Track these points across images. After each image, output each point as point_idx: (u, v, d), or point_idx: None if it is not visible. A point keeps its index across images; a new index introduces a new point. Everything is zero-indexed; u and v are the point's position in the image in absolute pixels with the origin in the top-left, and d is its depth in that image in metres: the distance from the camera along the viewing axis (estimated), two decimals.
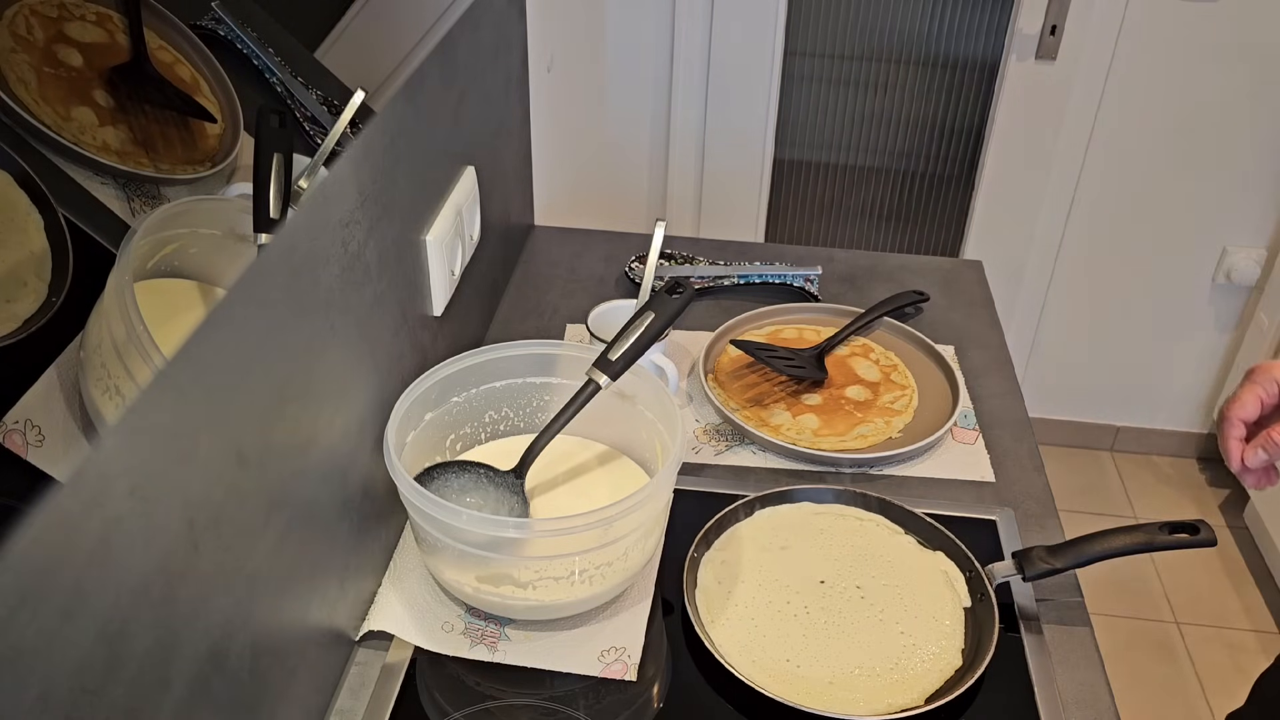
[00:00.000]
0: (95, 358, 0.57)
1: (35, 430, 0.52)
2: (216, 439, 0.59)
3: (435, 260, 0.96)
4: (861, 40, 2.06)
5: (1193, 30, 1.95)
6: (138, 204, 0.62)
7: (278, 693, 0.71)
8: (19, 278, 0.53)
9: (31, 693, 0.44)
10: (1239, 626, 2.03)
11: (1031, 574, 0.88)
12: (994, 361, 1.23)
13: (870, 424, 1.11)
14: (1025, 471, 1.07)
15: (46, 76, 0.56)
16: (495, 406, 0.98)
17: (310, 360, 0.72)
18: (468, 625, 0.87)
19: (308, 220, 0.70)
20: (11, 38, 0.54)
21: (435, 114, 0.96)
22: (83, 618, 0.47)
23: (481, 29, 1.10)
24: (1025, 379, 2.37)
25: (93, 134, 0.59)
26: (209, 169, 0.71)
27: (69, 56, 0.58)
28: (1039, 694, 0.83)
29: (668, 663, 0.86)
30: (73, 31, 0.59)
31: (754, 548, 0.94)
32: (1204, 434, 2.45)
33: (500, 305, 1.30)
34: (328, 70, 0.81)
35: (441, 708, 0.82)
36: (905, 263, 1.42)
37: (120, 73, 0.62)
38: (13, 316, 0.52)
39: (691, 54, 2.06)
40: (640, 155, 2.19)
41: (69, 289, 0.55)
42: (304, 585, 0.75)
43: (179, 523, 0.56)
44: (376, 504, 0.87)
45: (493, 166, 1.19)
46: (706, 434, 1.11)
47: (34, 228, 0.54)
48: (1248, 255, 2.18)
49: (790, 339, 1.23)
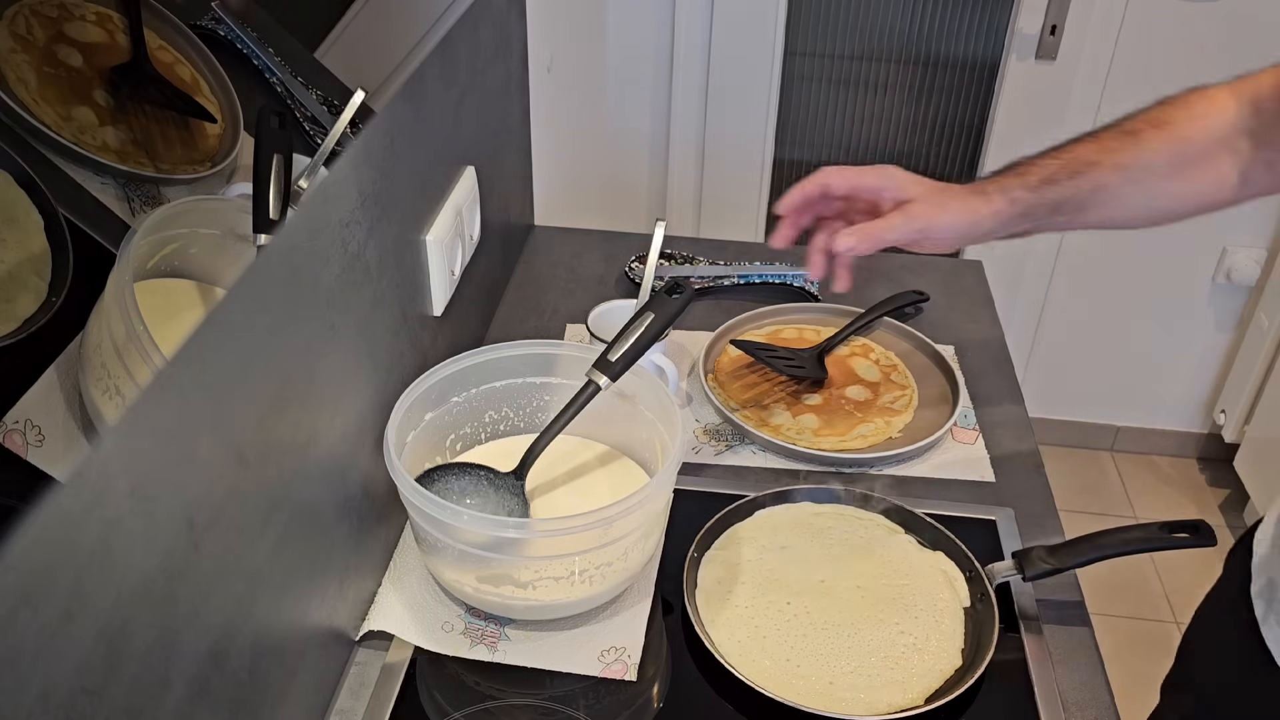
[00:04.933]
0: (95, 358, 0.57)
1: (35, 430, 0.52)
2: (216, 439, 0.59)
3: (435, 260, 0.96)
4: (861, 40, 2.06)
5: (1193, 30, 1.95)
6: (138, 204, 0.62)
7: (278, 693, 0.71)
8: (19, 278, 0.53)
9: (31, 693, 0.44)
10: None
11: (1031, 574, 0.88)
12: (994, 361, 1.23)
13: (870, 424, 1.11)
14: (1025, 471, 1.07)
15: (46, 76, 0.56)
16: (495, 406, 0.98)
17: (310, 360, 0.72)
18: (468, 625, 0.87)
19: (308, 220, 0.70)
20: (11, 38, 0.54)
21: (435, 114, 0.96)
22: (83, 618, 0.47)
23: (481, 29, 1.10)
24: (1025, 379, 2.36)
25: (93, 134, 0.59)
26: (209, 169, 0.71)
27: (69, 56, 0.58)
28: (1039, 694, 0.83)
29: (668, 663, 0.86)
30: (73, 31, 0.59)
31: (754, 548, 0.94)
32: (1204, 434, 2.45)
33: (500, 305, 1.30)
34: (328, 70, 0.81)
35: (441, 708, 0.82)
36: (905, 263, 1.41)
37: (120, 73, 0.62)
38: (13, 316, 0.52)
39: (691, 54, 2.06)
40: (640, 155, 2.19)
41: (69, 289, 0.55)
42: (304, 585, 0.75)
43: (179, 523, 0.56)
44: (376, 504, 0.87)
45: (493, 166, 1.19)
46: (706, 434, 1.11)
47: (34, 228, 0.54)
48: (1248, 255, 2.18)
49: (790, 339, 1.23)
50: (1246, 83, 0.83)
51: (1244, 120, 0.82)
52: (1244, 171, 0.83)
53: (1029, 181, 0.86)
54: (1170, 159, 0.84)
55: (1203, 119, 0.83)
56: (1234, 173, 0.84)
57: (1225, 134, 0.83)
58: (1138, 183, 0.85)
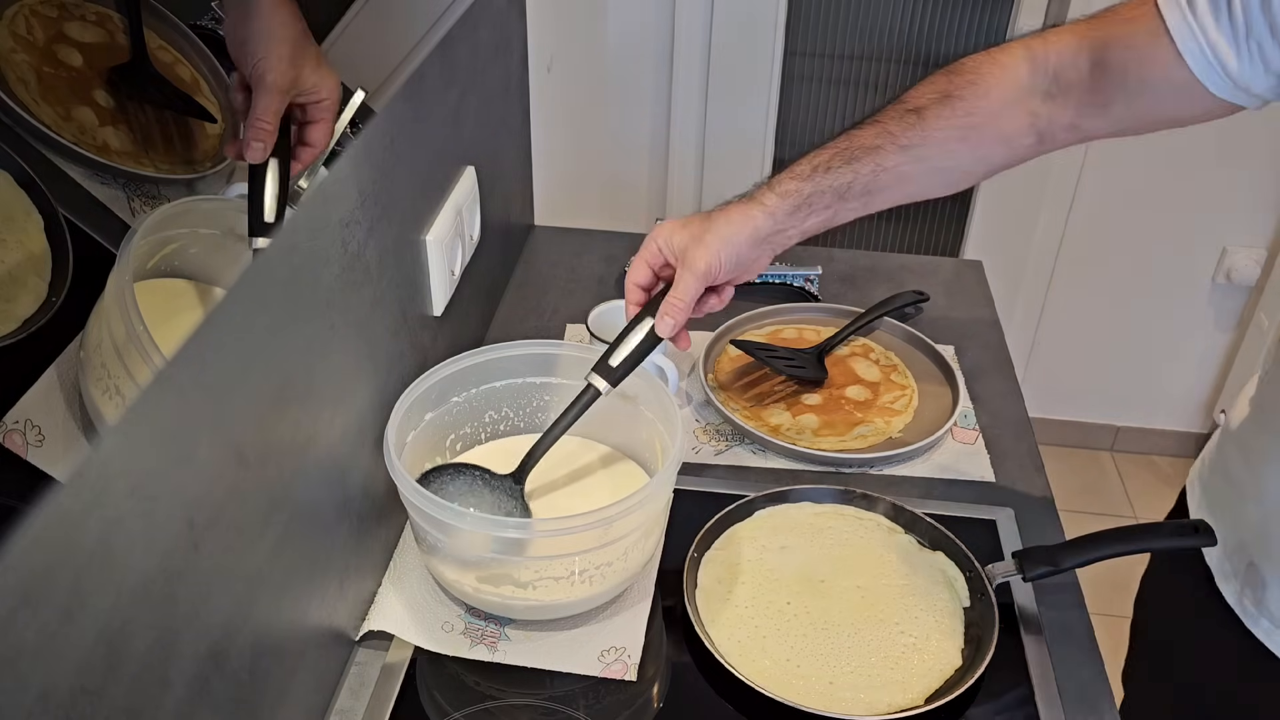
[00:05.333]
0: (95, 358, 0.57)
1: (35, 430, 0.52)
2: (216, 439, 0.59)
3: (435, 260, 0.96)
4: (861, 40, 2.06)
5: None
6: (138, 204, 0.62)
7: (278, 693, 0.71)
8: (19, 278, 0.53)
9: (31, 693, 0.44)
10: None
11: (1031, 574, 0.88)
12: (994, 361, 1.23)
13: (870, 424, 1.11)
14: (1025, 471, 1.07)
15: (46, 76, 0.56)
16: (495, 406, 0.98)
17: (310, 360, 0.72)
18: (468, 625, 0.87)
19: (308, 220, 0.70)
20: (11, 38, 0.54)
21: (435, 114, 0.96)
22: (83, 618, 0.47)
23: (481, 29, 1.10)
24: (1025, 379, 2.36)
25: (93, 134, 0.59)
26: (209, 169, 0.71)
27: (69, 56, 0.58)
28: (1039, 694, 0.83)
29: (668, 663, 0.86)
30: (73, 31, 0.59)
31: (754, 548, 0.94)
32: (1204, 434, 2.45)
33: (500, 305, 1.30)
34: None
35: (441, 708, 0.82)
36: (905, 263, 1.41)
37: (120, 73, 0.62)
38: (13, 316, 0.52)
39: (691, 54, 2.05)
40: (640, 155, 2.19)
41: (69, 289, 0.55)
42: (304, 585, 0.75)
43: (179, 523, 0.56)
44: (376, 504, 0.87)
45: (493, 166, 1.19)
46: (706, 434, 1.11)
47: (34, 228, 0.54)
48: (1248, 255, 2.18)
49: (790, 339, 1.23)
50: (1035, 43, 0.80)
51: (1040, 83, 0.79)
52: (1041, 131, 0.81)
53: (799, 171, 0.84)
54: (959, 130, 0.81)
55: (995, 87, 0.80)
56: (1029, 134, 0.81)
57: (1017, 97, 0.80)
58: (925, 160, 0.82)
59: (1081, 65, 0.77)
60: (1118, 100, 0.77)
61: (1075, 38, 0.78)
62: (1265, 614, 0.88)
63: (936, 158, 0.83)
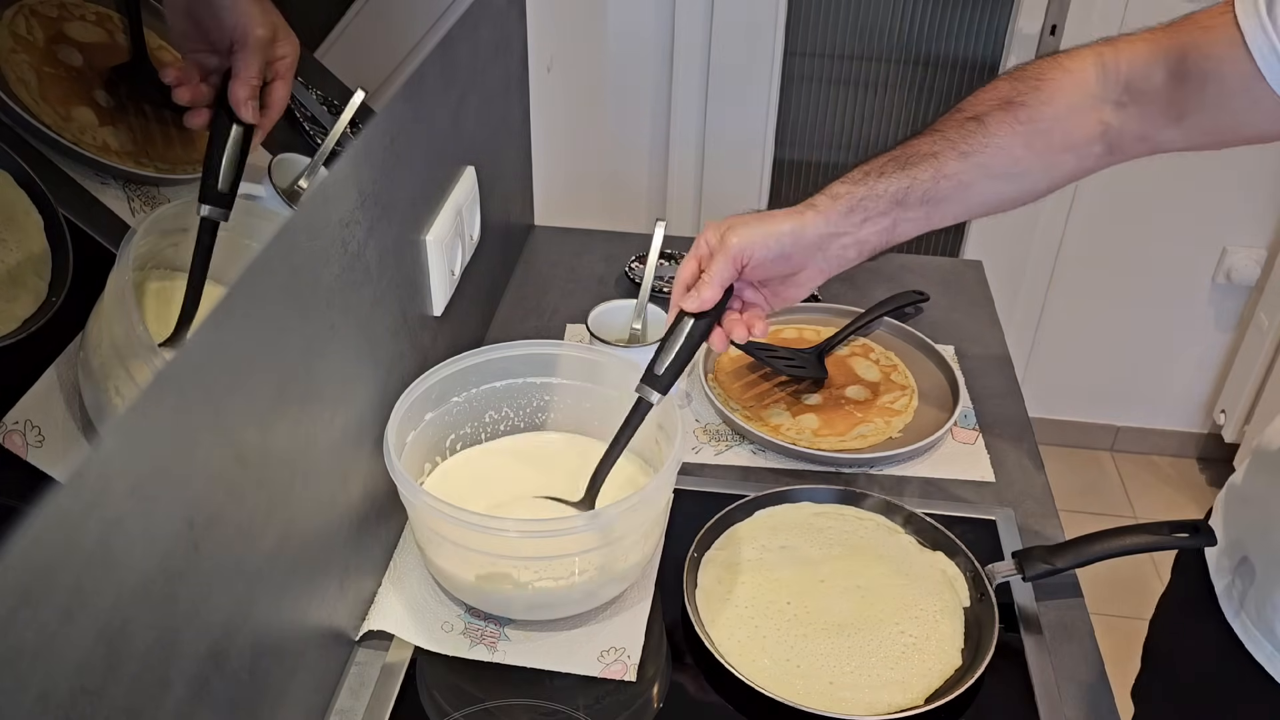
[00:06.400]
0: (95, 358, 0.57)
1: (35, 430, 0.52)
2: (216, 439, 0.59)
3: (435, 260, 0.96)
4: (861, 40, 2.06)
5: None
6: (138, 204, 0.62)
7: (278, 693, 0.71)
8: (19, 278, 0.53)
9: (31, 693, 0.44)
10: None
11: (1031, 574, 0.88)
12: (994, 361, 1.23)
13: (870, 424, 1.11)
14: (1025, 471, 1.07)
15: (46, 76, 0.56)
16: (495, 406, 0.98)
17: (310, 360, 0.72)
18: (468, 625, 0.87)
19: (308, 220, 0.70)
20: (11, 38, 0.54)
21: (435, 114, 0.96)
22: (83, 618, 0.47)
23: (481, 29, 1.10)
24: (1025, 379, 2.36)
25: (93, 134, 0.59)
26: None
27: (69, 56, 0.58)
28: (1039, 694, 0.83)
29: (668, 663, 0.86)
30: (73, 31, 0.59)
31: (754, 548, 0.94)
32: (1204, 434, 2.45)
33: (500, 305, 1.30)
34: (328, 70, 0.81)
35: (441, 708, 0.82)
36: (905, 263, 1.41)
37: (120, 73, 0.62)
38: (13, 316, 0.52)
39: (691, 54, 2.06)
40: (640, 155, 2.19)
41: (69, 289, 0.55)
42: (304, 585, 0.75)
43: (179, 523, 0.56)
44: (376, 504, 0.87)
45: (493, 166, 1.19)
46: (706, 434, 1.11)
47: (34, 228, 0.54)
48: (1248, 255, 2.18)
49: (790, 339, 1.23)
50: (1106, 50, 0.78)
51: (1110, 92, 0.76)
52: (1111, 142, 0.78)
53: (852, 176, 0.81)
54: (1023, 136, 0.78)
55: (1061, 93, 0.77)
56: (1098, 143, 0.78)
57: (1085, 105, 0.77)
58: (987, 168, 0.79)
59: (1155, 75, 0.74)
60: (1194, 112, 0.74)
61: (1149, 46, 0.75)
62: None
63: (999, 165, 0.79)
